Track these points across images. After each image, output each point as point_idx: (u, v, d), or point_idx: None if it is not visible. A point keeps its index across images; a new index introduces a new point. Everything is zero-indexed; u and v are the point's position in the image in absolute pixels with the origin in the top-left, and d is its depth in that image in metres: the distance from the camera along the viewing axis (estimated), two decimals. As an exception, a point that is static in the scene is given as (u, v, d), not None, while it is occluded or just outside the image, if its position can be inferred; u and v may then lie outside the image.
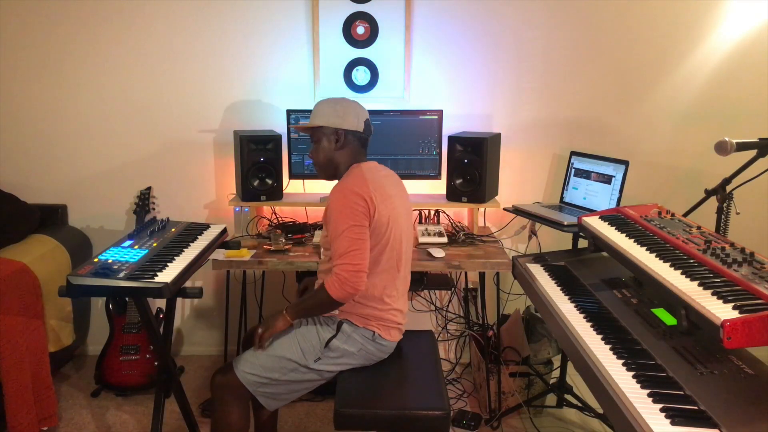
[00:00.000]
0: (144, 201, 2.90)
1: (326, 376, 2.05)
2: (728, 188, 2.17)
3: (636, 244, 1.94)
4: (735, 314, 1.39)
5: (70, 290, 1.81)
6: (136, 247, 2.13)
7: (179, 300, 3.24)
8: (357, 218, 1.90)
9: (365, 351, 2.03)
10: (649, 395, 1.41)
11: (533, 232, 3.01)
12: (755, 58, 2.96)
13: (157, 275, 1.89)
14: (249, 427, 2.06)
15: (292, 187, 2.96)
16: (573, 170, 2.91)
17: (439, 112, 2.85)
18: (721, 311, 1.41)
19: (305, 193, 3.03)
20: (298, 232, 2.74)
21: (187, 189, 3.13)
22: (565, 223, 2.58)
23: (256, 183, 2.77)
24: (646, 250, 1.87)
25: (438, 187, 3.03)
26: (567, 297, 2.04)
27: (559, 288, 2.12)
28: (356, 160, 2.08)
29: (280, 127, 2.95)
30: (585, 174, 2.85)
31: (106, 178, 3.10)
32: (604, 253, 2.21)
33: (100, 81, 2.99)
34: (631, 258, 1.87)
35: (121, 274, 1.85)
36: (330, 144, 2.05)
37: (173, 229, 2.38)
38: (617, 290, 2.04)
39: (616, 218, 2.22)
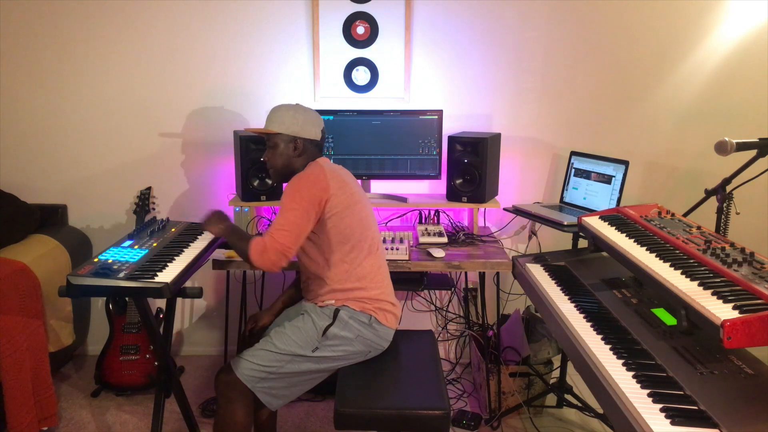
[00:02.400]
0: (144, 201, 2.90)
1: (325, 367, 2.05)
2: (728, 188, 2.17)
3: (636, 244, 1.94)
4: (735, 314, 1.39)
5: (70, 290, 1.81)
6: (136, 247, 2.13)
7: (179, 300, 3.24)
8: (304, 203, 1.95)
9: (363, 337, 2.04)
10: (649, 395, 1.41)
11: (533, 232, 3.01)
12: (755, 58, 2.96)
13: (157, 275, 1.88)
14: (252, 425, 2.06)
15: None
16: (573, 170, 2.91)
17: (439, 112, 2.85)
18: (721, 311, 1.41)
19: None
20: (298, 232, 2.74)
21: (187, 189, 3.13)
22: (565, 223, 2.58)
23: (256, 183, 2.77)
24: (646, 250, 1.87)
25: (438, 187, 3.03)
26: (567, 297, 2.04)
27: (559, 288, 2.12)
28: (311, 160, 2.14)
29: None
30: (585, 174, 2.85)
31: (106, 178, 3.10)
32: (604, 253, 2.21)
33: (100, 81, 2.99)
34: (631, 258, 1.86)
35: (121, 274, 1.85)
36: (288, 150, 2.10)
37: (173, 229, 2.38)
38: (617, 290, 2.04)
39: (616, 218, 2.22)
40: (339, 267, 2.06)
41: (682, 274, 1.65)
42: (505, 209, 2.90)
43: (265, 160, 2.16)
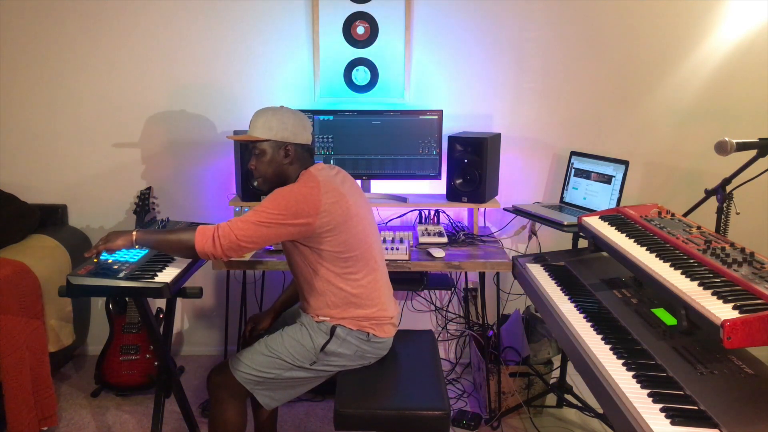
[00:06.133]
0: (144, 201, 2.89)
1: (324, 375, 2.05)
2: (728, 188, 2.17)
3: (636, 244, 1.94)
4: (735, 314, 1.39)
5: (70, 290, 1.81)
6: (136, 247, 2.13)
7: (179, 300, 3.24)
8: (284, 214, 1.82)
9: (361, 351, 2.03)
10: (649, 395, 1.41)
11: (533, 232, 3.01)
12: (755, 58, 2.96)
13: (156, 275, 1.89)
14: (246, 425, 2.06)
15: (292, 187, 2.96)
16: (573, 170, 2.91)
17: (439, 112, 2.85)
18: (721, 311, 1.41)
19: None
20: (298, 232, 2.74)
21: (187, 189, 3.13)
22: (565, 223, 2.58)
23: (255, 183, 2.76)
24: (646, 250, 1.87)
25: (438, 187, 3.03)
26: (567, 297, 2.04)
27: (559, 288, 2.12)
28: (304, 168, 2.01)
29: (280, 127, 2.95)
30: (585, 174, 2.85)
31: (106, 178, 3.10)
32: (604, 253, 2.21)
33: (101, 81, 2.99)
34: (631, 258, 1.86)
35: (121, 274, 1.85)
36: (278, 157, 1.97)
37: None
38: (617, 290, 2.04)
39: (616, 218, 2.22)
40: (334, 283, 1.96)
41: (682, 274, 1.65)
42: (505, 209, 2.90)
43: (251, 168, 2.01)
